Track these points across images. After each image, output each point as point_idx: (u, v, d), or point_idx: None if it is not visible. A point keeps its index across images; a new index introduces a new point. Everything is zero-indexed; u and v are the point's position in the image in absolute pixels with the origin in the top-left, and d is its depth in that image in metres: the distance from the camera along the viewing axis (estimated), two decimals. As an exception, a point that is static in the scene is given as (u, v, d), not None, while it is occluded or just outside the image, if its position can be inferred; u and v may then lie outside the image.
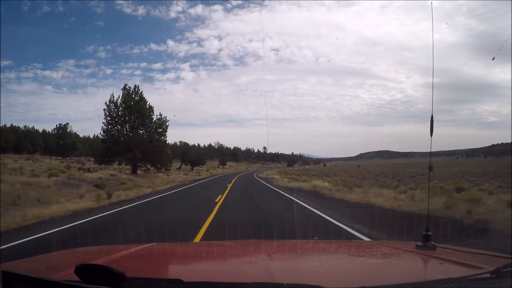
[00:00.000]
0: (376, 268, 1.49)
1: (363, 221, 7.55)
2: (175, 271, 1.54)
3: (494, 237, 4.96)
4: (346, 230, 6.64)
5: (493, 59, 3.59)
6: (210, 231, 6.54)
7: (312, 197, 14.49)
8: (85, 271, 0.96)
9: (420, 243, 1.64)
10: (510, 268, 1.07)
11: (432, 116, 1.71)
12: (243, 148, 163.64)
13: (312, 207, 10.67)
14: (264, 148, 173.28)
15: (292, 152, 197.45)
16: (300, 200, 12.95)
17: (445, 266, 1.33)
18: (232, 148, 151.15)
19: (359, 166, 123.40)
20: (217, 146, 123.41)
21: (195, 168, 61.89)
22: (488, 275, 1.07)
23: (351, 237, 5.86)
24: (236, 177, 39.92)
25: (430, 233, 1.64)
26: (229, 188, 21.24)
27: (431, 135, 1.74)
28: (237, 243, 2.35)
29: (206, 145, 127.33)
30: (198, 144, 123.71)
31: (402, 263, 1.57)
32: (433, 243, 1.60)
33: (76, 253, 1.95)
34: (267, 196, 16.26)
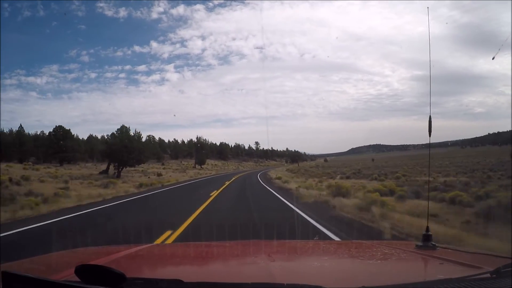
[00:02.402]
0: (376, 268, 1.49)
1: None
2: (175, 271, 1.54)
3: None
4: None
5: (493, 58, 3.60)
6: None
7: None
8: (85, 271, 0.96)
9: (420, 243, 1.63)
10: (510, 268, 1.07)
11: (430, 116, 1.72)
12: (232, 144, 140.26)
13: None
14: (257, 143, 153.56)
15: (287, 148, 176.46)
16: None
17: (445, 266, 1.33)
18: (218, 144, 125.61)
19: (373, 160, 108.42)
20: (198, 142, 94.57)
21: (132, 170, 39.52)
22: (488, 275, 1.07)
23: None
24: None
25: (430, 233, 1.64)
26: None
27: (430, 135, 1.75)
28: (237, 243, 2.35)
29: (186, 142, 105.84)
30: (175, 139, 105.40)
31: (402, 263, 1.57)
32: (433, 243, 1.60)
33: (76, 253, 1.95)
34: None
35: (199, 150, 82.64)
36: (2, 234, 7.22)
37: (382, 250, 1.79)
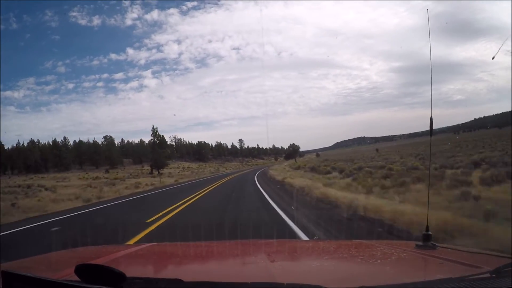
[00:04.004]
0: (376, 268, 1.49)
1: None
2: (175, 271, 1.54)
3: None
4: None
5: (492, 58, 3.61)
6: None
7: None
8: (85, 271, 0.96)
9: (420, 243, 1.63)
10: (510, 268, 1.07)
11: (431, 117, 1.72)
12: (212, 144, 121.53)
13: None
14: (240, 141, 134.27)
15: (273, 145, 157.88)
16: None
17: (445, 266, 1.33)
18: (195, 143, 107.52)
19: (377, 150, 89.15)
20: (154, 138, 57.20)
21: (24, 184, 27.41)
22: (488, 275, 1.07)
23: None
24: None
25: (430, 232, 1.64)
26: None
27: (431, 135, 1.76)
28: (237, 243, 2.36)
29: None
30: (141, 140, 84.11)
31: (402, 263, 1.57)
32: (433, 242, 1.60)
33: (76, 253, 1.95)
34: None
35: (156, 150, 53.94)
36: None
37: (382, 250, 1.79)
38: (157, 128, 57.65)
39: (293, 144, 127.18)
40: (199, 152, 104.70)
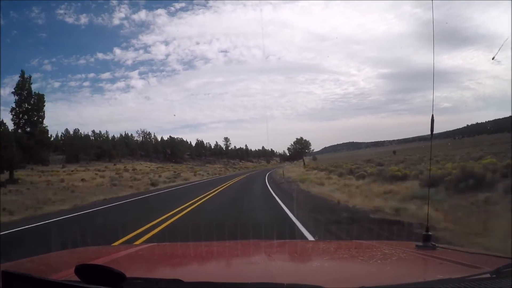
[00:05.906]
0: (376, 268, 1.49)
1: None
2: (175, 271, 1.54)
3: None
4: None
5: (492, 58, 3.60)
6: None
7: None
8: (85, 271, 0.96)
9: (420, 243, 1.63)
10: (510, 268, 1.07)
11: (432, 115, 1.72)
12: (192, 141, 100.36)
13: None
14: (226, 140, 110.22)
15: (263, 147, 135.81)
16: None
17: (445, 266, 1.33)
18: (166, 138, 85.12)
19: (394, 152, 69.45)
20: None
21: None
22: (488, 275, 1.07)
23: None
24: None
25: (430, 233, 1.64)
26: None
27: (432, 134, 1.76)
28: (237, 243, 2.35)
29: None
30: (79, 133, 62.10)
31: (402, 263, 1.57)
32: (433, 243, 1.60)
33: (76, 253, 1.95)
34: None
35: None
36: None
37: (382, 250, 1.79)
38: (30, 76, 28.48)
39: (301, 139, 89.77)
40: (171, 151, 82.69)
